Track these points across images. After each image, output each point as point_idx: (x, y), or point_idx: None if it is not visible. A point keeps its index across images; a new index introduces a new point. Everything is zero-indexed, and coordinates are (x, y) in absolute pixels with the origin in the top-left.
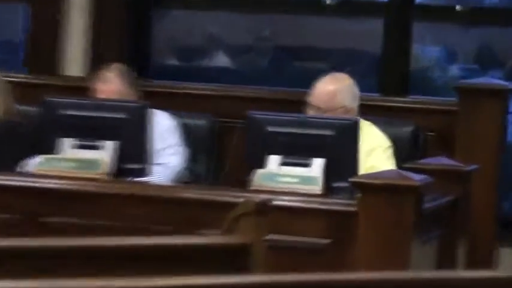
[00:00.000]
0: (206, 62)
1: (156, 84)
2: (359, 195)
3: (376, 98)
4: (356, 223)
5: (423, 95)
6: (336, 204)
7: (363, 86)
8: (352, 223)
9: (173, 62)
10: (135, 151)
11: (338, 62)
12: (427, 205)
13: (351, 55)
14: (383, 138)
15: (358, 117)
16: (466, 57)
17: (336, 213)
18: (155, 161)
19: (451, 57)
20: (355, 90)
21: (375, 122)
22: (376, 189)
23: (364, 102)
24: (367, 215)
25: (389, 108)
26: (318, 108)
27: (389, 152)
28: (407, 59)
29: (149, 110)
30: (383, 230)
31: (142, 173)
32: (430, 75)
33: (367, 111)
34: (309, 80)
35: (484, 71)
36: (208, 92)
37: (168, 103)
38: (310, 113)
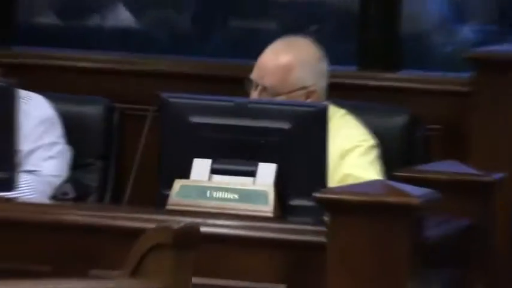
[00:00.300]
0: (99, 21)
1: (25, 53)
2: (328, 218)
3: (353, 74)
4: (323, 260)
5: (421, 70)
6: (294, 232)
7: (335, 56)
8: (318, 260)
9: (51, 20)
10: None
11: (296, 19)
12: (430, 232)
13: (317, 9)
14: (363, 133)
15: (327, 103)
16: (483, 15)
17: (294, 245)
18: (23, 168)
19: (460, 15)
20: (322, 63)
21: (352, 110)
22: (354, 209)
23: (336, 81)
24: (340, 248)
25: (373, 88)
26: (264, 90)
27: (373, 155)
28: (398, 18)
29: (16, 92)
30: (364, 270)
31: (7, 185)
32: (431, 42)
33: (341, 93)
34: (251, 47)
35: (507, 34)
36: (103, 65)
37: (42, 82)
38: (254, 96)
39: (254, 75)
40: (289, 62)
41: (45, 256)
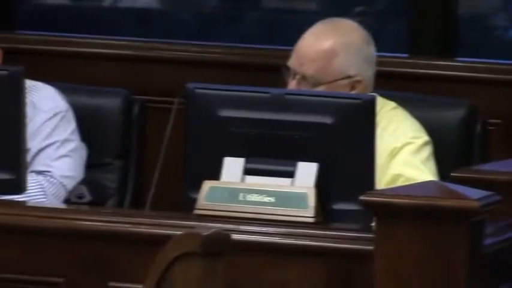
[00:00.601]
0: (114, 1)
1: (31, 38)
2: (375, 224)
3: (404, 62)
4: (370, 271)
5: (480, 57)
6: (338, 239)
7: (383, 42)
8: (364, 271)
9: (59, 0)
10: (2, 152)
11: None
12: (491, 240)
13: None
14: (415, 129)
15: (375, 94)
16: None
17: (337, 254)
18: (33, 168)
19: None
20: (369, 49)
21: (402, 102)
22: (405, 214)
23: (385, 69)
24: (389, 257)
25: (426, 78)
26: (304, 79)
27: (426, 153)
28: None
29: (23, 82)
30: (415, 282)
31: (15, 187)
32: (491, 25)
33: (390, 83)
34: (288, 30)
35: None
36: (120, 52)
37: (51, 71)
38: (292, 86)
39: (292, 63)
40: (331, 47)
41: (58, 267)
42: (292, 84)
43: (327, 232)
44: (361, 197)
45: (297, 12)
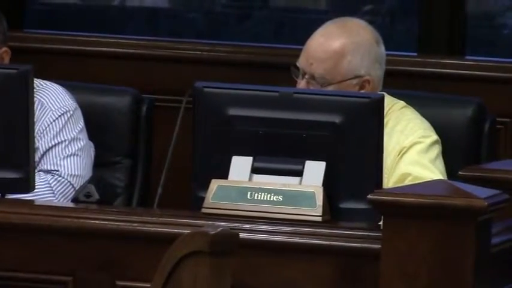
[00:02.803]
0: (123, 0)
1: (39, 37)
2: (383, 222)
3: (413, 60)
4: (377, 269)
5: (490, 56)
6: (345, 238)
7: (392, 40)
8: (371, 270)
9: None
10: (10, 150)
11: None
12: (498, 239)
13: None
14: (424, 128)
15: (383, 93)
16: None
17: (345, 253)
18: (41, 167)
19: None
20: (378, 48)
21: (411, 100)
22: (412, 212)
23: (394, 68)
24: (396, 256)
25: (435, 76)
26: (313, 78)
27: (435, 152)
28: None
29: (31, 80)
30: (422, 280)
31: (23, 186)
32: (501, 25)
33: (399, 81)
34: (297, 29)
35: None
36: (129, 50)
37: (59, 69)
38: (301, 85)
39: (301, 62)
40: (341, 47)
41: (66, 265)
42: (302, 84)
43: (335, 231)
44: (369, 196)
45: (305, 11)
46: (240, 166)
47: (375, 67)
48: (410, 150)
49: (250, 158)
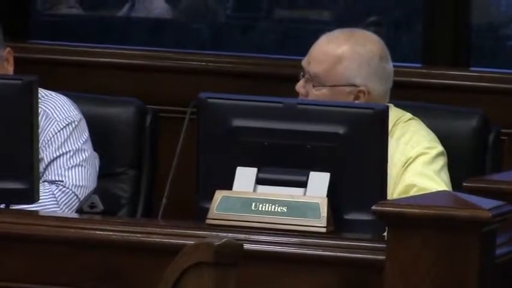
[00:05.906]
0: (129, 11)
1: (43, 48)
2: (388, 234)
3: (417, 72)
4: (381, 281)
5: (494, 67)
6: (350, 249)
7: (397, 51)
8: (375, 281)
9: (73, 10)
10: (15, 161)
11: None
12: (503, 250)
13: None
14: (429, 139)
15: (388, 104)
16: None
17: (349, 264)
18: (45, 178)
19: None
20: (382, 63)
21: (416, 112)
22: (417, 224)
23: (399, 79)
24: (401, 267)
25: (440, 87)
26: (309, 77)
27: (440, 163)
28: (468, 8)
29: (36, 91)
30: None
31: (27, 197)
32: (505, 36)
33: (403, 93)
34: (301, 40)
35: None
36: (133, 61)
37: (64, 80)
38: (299, 85)
39: (303, 61)
40: (339, 52)
41: (70, 276)
42: (300, 83)
43: (339, 242)
44: (374, 207)
45: (309, 22)
46: (245, 177)
47: (374, 80)
48: (416, 162)
49: (255, 169)
